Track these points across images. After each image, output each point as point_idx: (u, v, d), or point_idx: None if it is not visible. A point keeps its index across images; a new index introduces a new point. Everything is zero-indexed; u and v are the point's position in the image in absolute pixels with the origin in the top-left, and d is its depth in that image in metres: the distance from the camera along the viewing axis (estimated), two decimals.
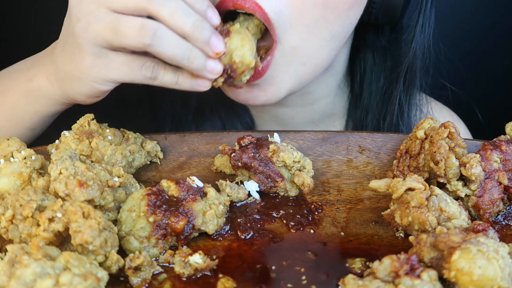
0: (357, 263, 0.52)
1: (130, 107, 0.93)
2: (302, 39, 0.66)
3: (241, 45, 0.60)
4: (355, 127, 0.90)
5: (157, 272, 0.51)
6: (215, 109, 0.91)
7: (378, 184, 0.57)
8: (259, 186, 0.63)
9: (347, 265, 0.52)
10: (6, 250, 0.46)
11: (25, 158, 0.59)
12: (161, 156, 0.68)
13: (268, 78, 0.68)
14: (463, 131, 0.98)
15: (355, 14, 0.71)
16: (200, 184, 0.59)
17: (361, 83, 0.88)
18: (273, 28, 0.64)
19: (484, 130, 0.91)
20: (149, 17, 0.56)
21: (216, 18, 0.59)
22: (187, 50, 0.57)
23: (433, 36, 0.82)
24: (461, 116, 1.00)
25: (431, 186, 0.55)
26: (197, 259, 0.51)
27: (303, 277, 0.50)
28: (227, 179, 0.62)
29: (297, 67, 0.69)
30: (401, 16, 0.77)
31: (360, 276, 0.48)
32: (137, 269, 0.50)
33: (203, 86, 0.61)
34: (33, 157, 0.60)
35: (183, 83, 0.61)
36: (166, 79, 0.61)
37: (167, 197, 0.56)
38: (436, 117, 0.69)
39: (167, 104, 0.92)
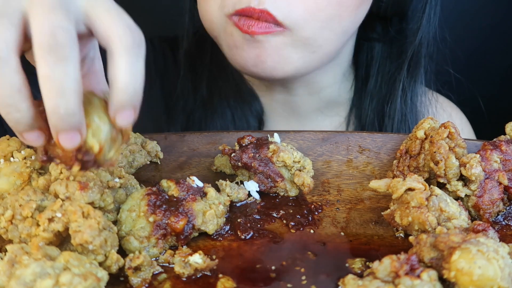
0: (357, 263, 0.52)
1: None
2: (315, 32, 0.69)
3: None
4: (359, 114, 0.91)
5: (157, 272, 0.51)
6: (224, 97, 0.91)
7: (378, 184, 0.57)
8: (259, 186, 0.62)
9: (347, 265, 0.52)
10: (6, 250, 0.45)
11: (25, 158, 0.59)
12: (161, 156, 0.68)
13: (275, 49, 0.69)
14: (468, 132, 0.98)
15: (364, 9, 0.74)
16: (200, 184, 0.59)
17: (367, 70, 0.90)
18: (281, 24, 0.66)
19: (485, 130, 0.90)
20: None
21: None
22: (7, 97, 0.41)
23: (439, 26, 0.84)
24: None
25: (431, 186, 0.55)
26: (197, 259, 0.51)
27: (303, 277, 0.50)
28: (227, 179, 0.62)
29: (306, 53, 0.71)
30: (408, 7, 0.80)
31: (360, 276, 0.48)
32: (137, 269, 0.50)
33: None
34: (33, 157, 0.60)
35: None
36: None
37: (167, 197, 0.56)
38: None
39: (178, 95, 0.93)
